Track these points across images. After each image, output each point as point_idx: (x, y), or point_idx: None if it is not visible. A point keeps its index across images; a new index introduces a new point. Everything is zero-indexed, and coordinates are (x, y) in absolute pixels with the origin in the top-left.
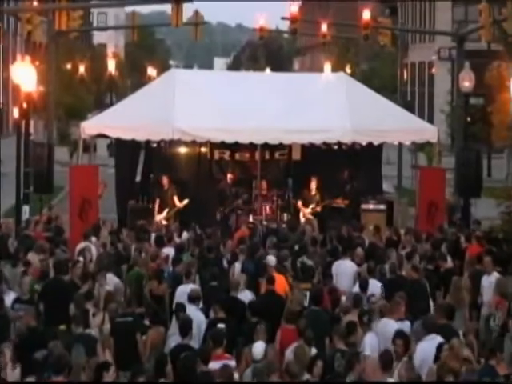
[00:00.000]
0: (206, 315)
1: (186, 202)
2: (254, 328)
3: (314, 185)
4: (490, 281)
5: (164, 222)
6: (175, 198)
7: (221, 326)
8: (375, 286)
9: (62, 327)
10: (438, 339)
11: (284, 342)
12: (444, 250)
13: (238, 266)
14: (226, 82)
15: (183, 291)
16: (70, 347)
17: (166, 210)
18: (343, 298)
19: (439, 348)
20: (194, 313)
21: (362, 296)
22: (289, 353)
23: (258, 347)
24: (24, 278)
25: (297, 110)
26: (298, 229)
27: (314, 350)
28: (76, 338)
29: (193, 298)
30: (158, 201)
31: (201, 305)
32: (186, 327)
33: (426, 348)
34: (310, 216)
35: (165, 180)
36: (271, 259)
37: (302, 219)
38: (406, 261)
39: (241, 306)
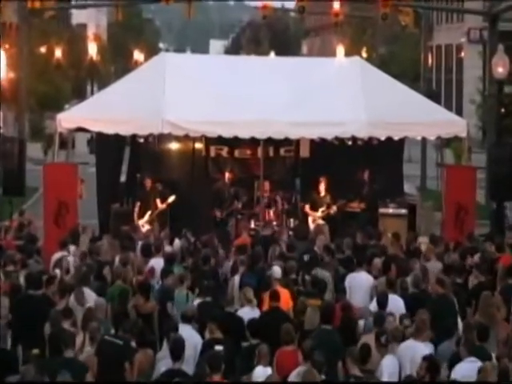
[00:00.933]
0: (201, 335)
1: (170, 200)
2: (254, 351)
3: (324, 186)
4: None
5: (147, 227)
6: (158, 201)
7: (218, 348)
8: (395, 302)
9: (35, 351)
10: (479, 364)
11: (282, 365)
12: (477, 261)
13: (237, 278)
14: (224, 67)
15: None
16: (54, 373)
17: (149, 213)
18: (361, 323)
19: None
20: (189, 333)
21: (383, 314)
22: (292, 378)
23: (259, 372)
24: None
25: (305, 101)
26: (308, 236)
27: (323, 376)
28: (64, 363)
29: (187, 317)
30: (138, 204)
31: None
32: (178, 349)
33: (467, 371)
34: (321, 221)
35: (147, 181)
36: (277, 271)
37: (312, 225)
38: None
39: (239, 324)
